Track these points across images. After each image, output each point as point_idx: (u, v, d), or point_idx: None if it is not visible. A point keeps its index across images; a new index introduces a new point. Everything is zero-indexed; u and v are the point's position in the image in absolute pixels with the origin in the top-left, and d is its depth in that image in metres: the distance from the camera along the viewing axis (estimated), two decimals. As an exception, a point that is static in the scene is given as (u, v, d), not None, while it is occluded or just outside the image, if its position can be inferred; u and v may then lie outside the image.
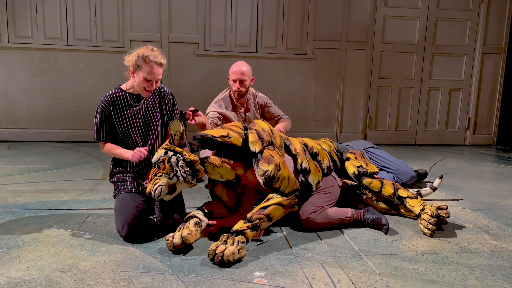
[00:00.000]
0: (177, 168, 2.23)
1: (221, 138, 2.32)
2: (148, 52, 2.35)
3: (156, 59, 2.34)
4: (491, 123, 6.34)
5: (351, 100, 6.02)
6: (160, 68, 2.37)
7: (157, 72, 2.36)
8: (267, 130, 2.46)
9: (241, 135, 2.38)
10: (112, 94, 2.45)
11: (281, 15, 5.67)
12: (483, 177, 4.19)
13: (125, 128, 2.44)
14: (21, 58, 5.33)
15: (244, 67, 3.10)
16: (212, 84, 5.40)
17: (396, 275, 2.00)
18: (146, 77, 2.35)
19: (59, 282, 1.83)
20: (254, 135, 2.38)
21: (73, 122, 5.53)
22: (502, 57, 6.15)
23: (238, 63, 3.18)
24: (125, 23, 5.43)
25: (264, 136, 2.41)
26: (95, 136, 2.46)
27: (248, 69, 3.12)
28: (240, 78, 3.08)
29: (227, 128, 2.40)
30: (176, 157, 2.24)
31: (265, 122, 2.57)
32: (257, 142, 2.36)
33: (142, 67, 2.34)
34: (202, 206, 2.45)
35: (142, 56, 2.34)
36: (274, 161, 2.31)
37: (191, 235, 2.16)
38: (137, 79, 2.39)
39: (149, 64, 2.33)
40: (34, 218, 2.63)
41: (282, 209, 2.29)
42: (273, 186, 2.31)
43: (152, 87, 2.40)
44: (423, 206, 2.60)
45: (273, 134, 2.49)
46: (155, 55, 2.35)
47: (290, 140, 2.64)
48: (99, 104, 2.44)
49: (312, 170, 2.61)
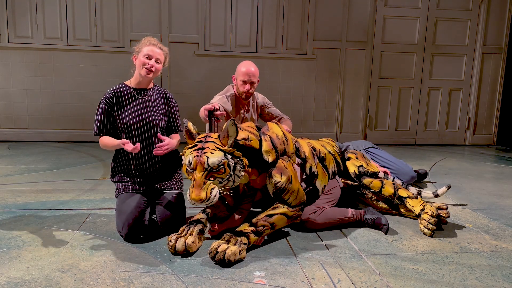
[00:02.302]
0: (232, 173, 2.14)
1: (243, 141, 2.26)
2: (148, 37, 2.52)
3: (153, 42, 2.48)
4: (491, 123, 6.34)
5: (351, 100, 6.02)
6: (158, 49, 2.46)
7: (155, 52, 2.45)
8: (281, 137, 2.44)
9: (257, 137, 2.35)
10: (115, 88, 2.47)
11: (281, 15, 5.68)
12: (483, 177, 4.19)
13: (127, 123, 2.43)
14: (21, 58, 5.33)
15: (253, 68, 3.06)
16: (212, 84, 5.40)
17: (396, 275, 1.99)
18: (145, 55, 2.43)
19: (59, 282, 1.83)
20: (268, 144, 2.34)
21: (73, 122, 5.53)
22: (502, 57, 6.16)
23: (246, 63, 3.08)
24: (125, 23, 5.43)
25: (278, 145, 2.39)
26: (95, 130, 2.44)
27: (256, 70, 3.09)
28: (251, 80, 3.04)
29: (245, 130, 2.34)
30: (235, 161, 2.14)
31: (279, 126, 2.54)
32: (271, 152, 2.34)
33: (142, 48, 2.46)
34: (206, 208, 2.43)
35: (142, 42, 2.50)
36: (287, 173, 2.32)
37: (194, 244, 2.14)
38: (138, 63, 2.46)
39: (147, 45, 2.46)
40: (34, 218, 2.63)
41: (286, 220, 2.33)
42: (282, 197, 2.33)
43: (152, 67, 2.42)
44: (423, 206, 2.60)
45: (286, 142, 2.47)
46: (154, 40, 2.51)
47: (299, 143, 2.64)
48: (102, 98, 2.44)
49: (320, 174, 2.63)
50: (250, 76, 3.01)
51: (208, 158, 2.07)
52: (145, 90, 2.51)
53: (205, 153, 2.09)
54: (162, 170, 2.54)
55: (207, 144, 2.13)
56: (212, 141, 2.15)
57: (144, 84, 2.50)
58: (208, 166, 2.07)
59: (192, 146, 2.17)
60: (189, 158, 2.11)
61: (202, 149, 2.11)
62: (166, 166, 2.56)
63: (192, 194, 2.03)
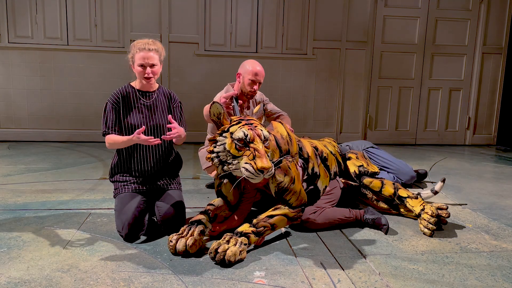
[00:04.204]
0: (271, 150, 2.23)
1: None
2: (138, 41, 2.44)
3: (143, 45, 2.39)
4: (491, 123, 6.34)
5: (351, 100, 6.02)
6: (149, 52, 2.39)
7: (147, 56, 2.38)
8: (285, 137, 2.45)
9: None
10: (122, 89, 2.47)
11: (281, 15, 5.68)
12: (483, 177, 4.19)
13: (132, 125, 2.43)
14: (21, 58, 5.33)
15: (259, 67, 3.07)
16: (212, 84, 5.39)
17: (396, 275, 1.99)
18: (138, 64, 2.39)
19: (59, 282, 1.83)
20: (272, 143, 2.34)
21: (73, 122, 5.53)
22: (502, 57, 6.15)
23: (253, 63, 3.06)
24: (125, 23, 5.43)
25: (282, 145, 2.40)
26: (103, 129, 2.42)
27: (262, 69, 3.11)
28: (259, 80, 3.05)
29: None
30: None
31: (284, 125, 2.55)
32: (275, 151, 2.34)
33: (134, 57, 2.41)
34: (207, 208, 2.40)
35: (133, 47, 2.43)
36: (290, 174, 2.32)
37: (195, 245, 2.13)
38: (135, 71, 2.44)
39: (138, 51, 2.40)
40: (34, 218, 2.63)
41: (286, 221, 2.33)
42: (284, 197, 2.33)
43: (149, 74, 2.41)
44: (423, 206, 2.60)
45: (290, 141, 2.47)
46: (144, 42, 2.41)
47: (302, 142, 2.64)
48: (109, 99, 2.44)
49: (322, 175, 2.63)
50: (259, 76, 3.03)
51: (262, 131, 2.15)
52: (149, 93, 2.51)
53: (256, 127, 2.16)
54: (162, 170, 2.54)
55: (251, 121, 2.20)
56: (252, 119, 2.21)
57: (148, 87, 2.50)
58: (263, 138, 2.14)
59: (237, 123, 2.18)
60: (243, 131, 2.11)
61: (251, 124, 2.16)
62: (167, 167, 2.56)
63: (261, 163, 2.02)
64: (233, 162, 2.12)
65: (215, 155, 2.18)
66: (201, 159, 3.32)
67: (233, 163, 2.12)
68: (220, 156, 2.16)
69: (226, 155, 2.14)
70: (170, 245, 2.14)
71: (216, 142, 2.18)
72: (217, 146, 2.17)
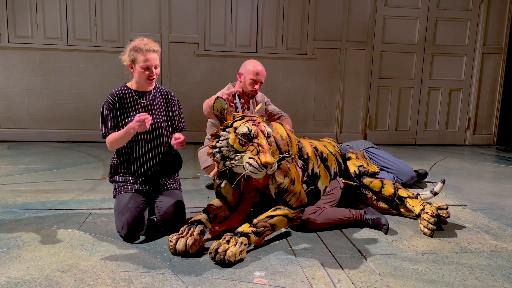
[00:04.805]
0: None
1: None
2: (137, 42, 2.41)
3: (146, 46, 2.37)
4: (491, 123, 6.34)
5: (351, 100, 6.02)
6: (153, 53, 2.38)
7: (152, 58, 2.38)
8: (285, 138, 2.45)
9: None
10: (118, 91, 2.46)
11: (281, 15, 5.68)
12: (483, 177, 4.19)
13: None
14: (21, 58, 5.33)
15: (260, 67, 3.07)
16: (212, 84, 5.39)
17: (396, 275, 1.99)
18: (142, 66, 2.37)
19: (59, 282, 1.83)
20: (272, 145, 2.34)
21: (73, 122, 5.53)
22: (502, 57, 6.15)
23: (255, 63, 3.07)
24: (125, 23, 5.43)
25: (282, 146, 2.40)
26: (102, 130, 2.41)
27: (264, 69, 3.11)
28: (260, 80, 3.06)
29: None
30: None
31: (283, 126, 2.55)
32: (275, 153, 2.33)
33: (136, 59, 2.39)
34: (207, 208, 2.40)
35: (133, 48, 2.39)
36: (290, 175, 2.32)
37: (194, 245, 2.13)
38: (136, 72, 2.42)
39: (141, 53, 2.37)
40: (34, 218, 2.63)
41: (286, 221, 2.33)
42: (284, 198, 2.33)
43: (153, 75, 2.41)
44: (423, 206, 2.60)
45: (290, 143, 2.47)
46: (144, 43, 2.39)
47: (302, 143, 2.64)
48: (105, 101, 2.43)
49: (322, 175, 2.63)
50: (260, 76, 3.04)
51: (266, 127, 2.18)
52: (146, 93, 2.50)
53: (259, 123, 2.17)
54: (162, 170, 2.54)
55: (254, 117, 2.21)
56: (254, 116, 2.22)
57: (145, 87, 2.50)
58: (267, 134, 2.16)
59: (240, 119, 2.18)
60: (247, 126, 2.11)
61: (254, 121, 2.17)
62: (167, 167, 2.56)
63: (265, 158, 2.03)
64: (235, 157, 2.12)
65: (217, 150, 2.18)
66: (201, 159, 3.32)
67: (236, 158, 2.12)
68: (222, 151, 2.16)
69: (229, 150, 2.14)
70: (170, 245, 2.14)
71: (219, 137, 2.19)
72: (220, 141, 2.17)
